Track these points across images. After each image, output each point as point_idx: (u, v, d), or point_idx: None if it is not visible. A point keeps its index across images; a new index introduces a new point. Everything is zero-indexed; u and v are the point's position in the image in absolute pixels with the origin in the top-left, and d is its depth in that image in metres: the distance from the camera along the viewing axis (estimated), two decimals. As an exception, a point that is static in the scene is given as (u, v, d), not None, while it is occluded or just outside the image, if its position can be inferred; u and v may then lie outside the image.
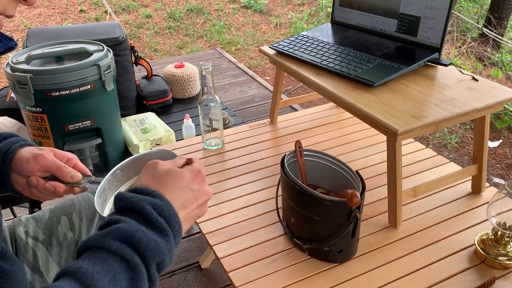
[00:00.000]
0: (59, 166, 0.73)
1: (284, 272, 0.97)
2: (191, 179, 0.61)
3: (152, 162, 0.61)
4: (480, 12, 4.97)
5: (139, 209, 0.52)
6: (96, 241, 0.49)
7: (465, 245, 1.03)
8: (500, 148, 2.57)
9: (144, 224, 0.52)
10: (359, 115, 1.06)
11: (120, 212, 0.53)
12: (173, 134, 2.05)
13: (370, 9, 1.32)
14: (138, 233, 0.50)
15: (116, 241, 0.49)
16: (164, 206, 0.54)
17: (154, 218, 0.52)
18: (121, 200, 0.54)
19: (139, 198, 0.53)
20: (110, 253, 0.49)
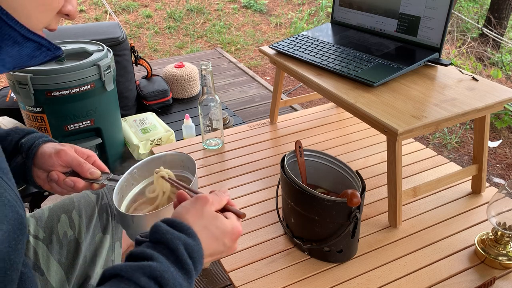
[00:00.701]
0: (79, 162, 0.76)
1: (284, 272, 0.97)
2: (229, 235, 0.63)
3: (203, 198, 0.62)
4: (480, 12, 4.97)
5: (172, 247, 0.54)
6: (127, 272, 0.51)
7: (465, 245, 1.03)
8: (500, 148, 2.57)
9: (174, 262, 0.54)
10: (359, 115, 1.06)
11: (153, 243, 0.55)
12: (173, 134, 2.05)
13: (370, 9, 1.32)
14: (167, 275, 0.52)
15: (145, 277, 0.51)
16: (194, 247, 0.56)
17: (184, 260, 0.55)
18: (157, 232, 0.56)
19: (174, 236, 0.55)
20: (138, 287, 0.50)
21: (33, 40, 0.54)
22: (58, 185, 0.77)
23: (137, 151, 1.93)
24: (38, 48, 0.56)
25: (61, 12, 0.57)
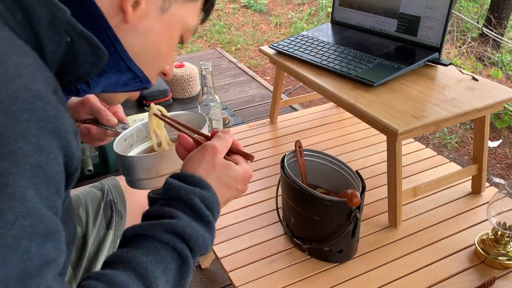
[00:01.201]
0: (99, 109, 0.79)
1: (284, 272, 0.97)
2: (241, 180, 0.64)
3: (211, 147, 0.63)
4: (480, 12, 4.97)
5: (189, 202, 0.55)
6: (149, 230, 0.52)
7: (465, 245, 1.03)
8: (500, 148, 2.57)
9: (192, 216, 0.55)
10: (359, 115, 1.06)
11: (169, 200, 0.56)
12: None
13: (370, 9, 1.32)
14: (189, 229, 0.53)
15: (168, 233, 0.52)
16: (210, 198, 0.58)
17: (203, 212, 0.56)
18: (171, 189, 0.57)
19: (188, 190, 0.56)
20: (162, 243, 0.51)
21: (134, 71, 0.58)
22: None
23: (137, 151, 1.93)
24: (133, 79, 0.60)
25: (162, 71, 0.64)
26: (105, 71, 0.56)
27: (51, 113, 0.42)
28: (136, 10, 0.53)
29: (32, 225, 0.39)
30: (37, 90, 0.42)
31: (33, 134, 0.40)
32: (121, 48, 0.55)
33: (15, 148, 0.39)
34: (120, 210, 0.92)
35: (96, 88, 0.59)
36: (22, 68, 0.42)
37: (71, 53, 0.50)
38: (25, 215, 0.38)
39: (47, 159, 0.41)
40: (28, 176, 0.39)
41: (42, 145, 0.41)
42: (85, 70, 0.53)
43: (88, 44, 0.50)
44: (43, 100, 0.42)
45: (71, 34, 0.49)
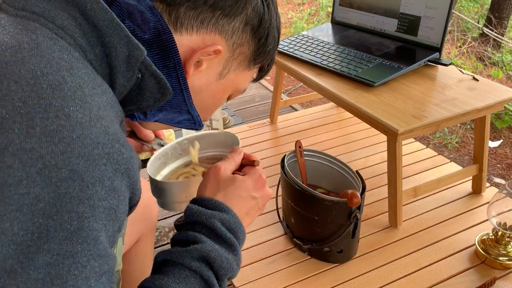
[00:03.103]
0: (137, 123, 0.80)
1: (284, 272, 0.97)
2: (253, 187, 0.65)
3: (213, 168, 0.65)
4: (480, 11, 4.97)
5: (210, 226, 0.57)
6: (177, 258, 0.54)
7: (466, 245, 1.03)
8: (500, 148, 2.56)
9: (215, 239, 0.57)
10: (359, 115, 1.06)
11: (192, 225, 0.58)
12: (173, 134, 2.05)
13: (370, 8, 1.32)
14: (213, 253, 0.55)
15: (195, 261, 0.54)
16: (231, 220, 0.59)
17: (224, 234, 0.57)
18: (192, 215, 0.58)
19: (208, 215, 0.58)
20: (191, 271, 0.54)
21: (193, 115, 0.61)
22: None
23: (137, 151, 1.93)
24: (189, 120, 0.62)
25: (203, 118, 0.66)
26: (165, 109, 0.59)
27: (125, 156, 0.44)
28: (197, 70, 0.56)
29: (100, 266, 0.41)
30: (114, 133, 0.44)
31: (108, 177, 0.42)
32: (187, 95, 0.57)
33: (92, 192, 0.40)
34: None
35: (151, 118, 0.60)
36: (102, 109, 0.43)
37: (139, 88, 0.53)
38: (96, 258, 0.41)
39: (118, 201, 0.43)
40: (101, 219, 0.41)
41: (115, 188, 0.42)
42: (148, 104, 0.55)
43: (157, 82, 0.53)
44: (119, 143, 0.44)
45: (143, 72, 0.51)
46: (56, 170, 0.38)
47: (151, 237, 1.06)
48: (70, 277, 0.38)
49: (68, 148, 0.39)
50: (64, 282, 0.38)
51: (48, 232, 0.37)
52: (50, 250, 0.37)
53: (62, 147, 0.39)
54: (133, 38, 0.48)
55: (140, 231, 0.98)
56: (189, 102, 0.59)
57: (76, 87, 0.42)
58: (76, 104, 0.41)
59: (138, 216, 0.95)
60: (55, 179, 0.38)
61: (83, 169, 0.39)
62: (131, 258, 1.00)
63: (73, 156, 0.39)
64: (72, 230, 0.39)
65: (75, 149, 0.39)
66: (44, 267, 0.37)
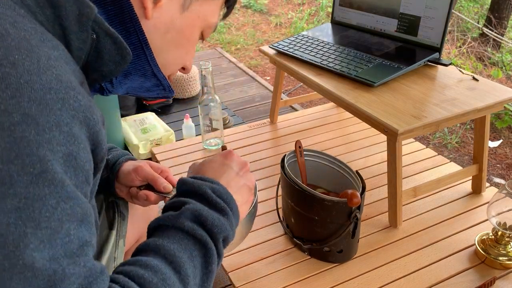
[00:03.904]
0: (154, 177, 0.83)
1: (284, 272, 0.97)
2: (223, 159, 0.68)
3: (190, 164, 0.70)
4: (480, 12, 4.97)
5: (201, 192, 0.58)
6: (170, 221, 0.55)
7: (465, 245, 1.03)
8: (500, 148, 2.56)
9: (206, 205, 0.58)
10: (359, 115, 1.06)
11: (183, 195, 0.60)
12: (173, 134, 2.05)
13: (370, 9, 1.32)
14: (204, 212, 0.56)
15: (187, 221, 0.55)
16: (221, 190, 0.61)
17: (215, 200, 0.58)
18: (184, 184, 0.60)
19: (200, 183, 0.60)
20: (184, 232, 0.54)
21: (158, 77, 0.60)
22: (137, 199, 0.85)
23: (137, 151, 1.93)
24: (157, 85, 0.62)
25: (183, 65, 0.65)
26: (130, 73, 0.58)
27: (82, 103, 0.44)
28: (156, 7, 0.54)
29: (72, 208, 0.41)
30: (69, 81, 0.43)
31: (66, 123, 0.42)
32: (149, 53, 0.56)
33: (49, 136, 0.40)
34: (123, 211, 0.92)
35: (119, 88, 0.60)
36: (53, 59, 0.43)
37: (96, 51, 0.51)
38: (66, 199, 0.41)
39: (78, 148, 0.43)
40: (61, 164, 0.41)
41: (74, 134, 0.42)
42: (110, 69, 0.54)
43: (113, 43, 0.51)
44: (75, 90, 0.43)
45: (97, 31, 0.50)
46: (7, 115, 0.38)
47: (151, 237, 1.06)
48: (42, 219, 0.39)
49: (17, 93, 0.39)
50: (37, 224, 0.39)
51: (11, 177, 0.38)
52: (16, 194, 0.38)
53: (11, 93, 0.39)
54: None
55: (140, 231, 0.98)
56: (153, 61, 0.58)
57: (21, 38, 0.42)
58: (21, 53, 0.41)
59: (138, 216, 0.96)
60: (7, 124, 0.38)
61: (37, 113, 0.39)
62: (131, 258, 1.00)
63: (23, 101, 0.39)
64: (36, 173, 0.39)
65: (24, 94, 0.39)
66: (13, 211, 0.38)
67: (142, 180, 0.85)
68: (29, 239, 0.38)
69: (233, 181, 0.66)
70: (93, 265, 0.44)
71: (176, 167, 1.38)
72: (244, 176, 0.68)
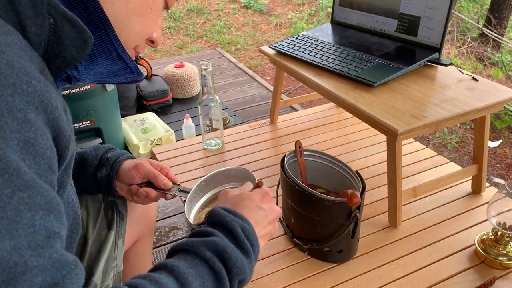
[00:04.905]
0: (154, 174, 0.83)
1: (284, 272, 0.97)
2: (259, 199, 0.68)
3: (223, 191, 0.69)
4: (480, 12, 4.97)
5: (231, 228, 0.59)
6: (193, 247, 0.56)
7: (465, 245, 1.03)
8: (500, 148, 2.56)
9: (233, 241, 0.58)
10: (359, 115, 1.06)
11: (211, 225, 0.60)
12: (173, 134, 2.05)
13: (370, 9, 1.32)
14: (229, 250, 0.56)
15: (210, 251, 0.55)
16: (250, 231, 0.61)
17: (242, 240, 0.59)
18: (215, 215, 0.60)
19: (232, 218, 0.60)
20: (202, 261, 0.55)
21: (124, 60, 0.58)
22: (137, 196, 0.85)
23: (137, 151, 1.94)
24: (124, 69, 0.60)
25: (149, 38, 0.63)
26: (94, 56, 0.56)
27: (37, 88, 0.42)
28: None
29: (31, 196, 0.40)
30: (22, 67, 0.41)
31: (19, 109, 0.40)
32: (112, 33, 0.54)
33: (1, 123, 0.38)
34: (121, 211, 0.92)
35: (85, 75, 0.58)
36: (4, 45, 0.41)
37: (55, 36, 0.49)
38: (22, 188, 0.39)
39: (36, 134, 0.41)
40: (17, 151, 0.39)
41: (29, 120, 0.41)
42: (72, 54, 0.52)
43: (72, 26, 0.49)
44: (28, 75, 0.42)
45: (53, 15, 0.48)
46: None
47: (150, 237, 1.06)
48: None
49: None
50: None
51: None
52: None
53: None
54: None
55: (139, 231, 0.98)
56: (116, 41, 0.56)
57: None
58: None
59: (137, 216, 0.96)
60: None
61: None
62: (130, 258, 1.00)
63: None
64: None
65: None
66: None
67: (143, 177, 0.85)
68: None
69: (262, 226, 0.66)
70: (61, 256, 0.42)
71: (176, 167, 1.39)
72: (273, 224, 0.69)
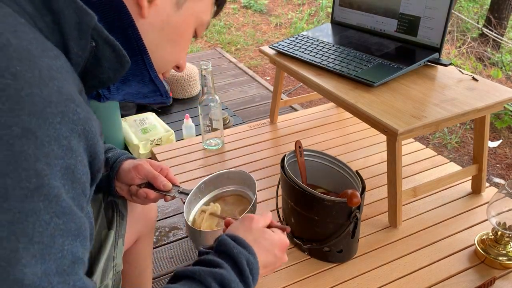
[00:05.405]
0: (154, 175, 0.84)
1: (284, 272, 0.97)
2: (278, 246, 0.69)
3: (248, 216, 0.70)
4: (480, 12, 4.97)
5: (237, 261, 0.61)
6: (199, 276, 0.57)
7: (465, 245, 1.03)
8: (500, 148, 2.56)
9: (237, 274, 0.60)
10: (359, 115, 1.06)
11: (220, 255, 0.61)
12: (173, 134, 2.05)
13: (370, 9, 1.32)
14: (234, 284, 0.58)
15: (215, 283, 0.57)
16: (255, 265, 0.63)
17: (246, 274, 0.61)
18: (224, 245, 0.62)
19: (239, 251, 0.62)
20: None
21: (156, 84, 0.61)
22: (137, 197, 0.85)
23: (137, 151, 1.94)
24: (154, 92, 0.62)
25: (177, 64, 0.66)
26: (128, 79, 0.58)
27: (81, 116, 0.44)
28: (152, 5, 0.55)
29: (65, 223, 0.41)
30: (69, 94, 0.43)
31: (64, 136, 0.42)
32: (147, 59, 0.57)
33: (48, 150, 0.40)
34: (122, 211, 0.92)
35: (116, 95, 0.60)
36: (54, 71, 0.43)
37: (95, 58, 0.52)
38: (59, 215, 0.41)
39: (76, 161, 0.43)
40: (59, 177, 0.41)
41: (72, 147, 0.42)
42: (108, 76, 0.54)
43: (112, 50, 0.52)
44: (75, 103, 0.43)
45: (96, 39, 0.50)
46: (6, 128, 0.38)
47: (150, 237, 1.06)
48: (35, 234, 0.39)
49: (17, 106, 0.39)
50: (30, 239, 0.39)
51: (6, 191, 0.38)
52: (10, 208, 0.38)
53: (10, 105, 0.38)
54: (81, 3, 0.47)
55: (139, 231, 0.98)
56: (151, 67, 0.58)
57: (23, 49, 0.41)
58: (23, 64, 0.40)
59: (137, 216, 0.96)
60: (6, 137, 0.38)
61: (36, 127, 0.39)
62: (130, 258, 1.00)
63: (23, 114, 0.39)
64: (32, 188, 0.39)
65: (25, 107, 0.39)
66: (7, 225, 0.37)
67: (142, 178, 0.85)
68: (21, 254, 0.38)
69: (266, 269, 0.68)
70: (83, 284, 0.44)
71: (176, 167, 1.39)
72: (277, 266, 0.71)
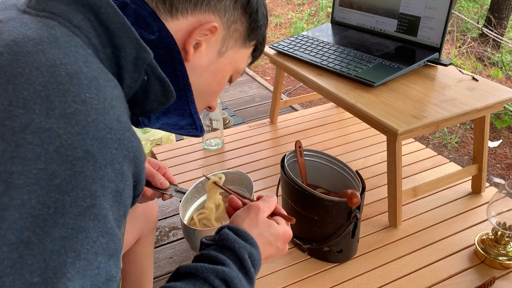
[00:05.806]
0: (152, 173, 0.85)
1: (284, 272, 0.97)
2: (282, 239, 0.69)
3: (255, 206, 0.69)
4: (480, 12, 4.97)
5: (239, 255, 0.61)
6: (202, 273, 0.57)
7: (465, 245, 1.03)
8: (500, 148, 2.57)
9: (240, 269, 0.61)
10: (359, 115, 1.06)
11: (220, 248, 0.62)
12: (173, 134, 2.05)
13: (370, 9, 1.32)
14: (237, 281, 0.59)
15: (218, 280, 0.57)
16: (256, 257, 0.63)
17: (249, 268, 0.61)
18: (226, 240, 0.62)
19: (241, 245, 0.62)
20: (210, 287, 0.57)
21: (194, 118, 0.64)
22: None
23: (137, 151, 1.93)
24: (191, 125, 0.65)
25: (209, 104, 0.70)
26: (169, 111, 0.62)
27: (134, 144, 0.47)
28: (197, 51, 0.59)
29: (107, 243, 0.44)
30: (126, 122, 0.47)
31: (118, 161, 0.45)
32: (190, 95, 0.61)
33: (103, 173, 0.43)
34: None
35: (155, 123, 0.63)
36: (115, 99, 0.47)
37: (144, 91, 0.56)
38: (104, 234, 0.43)
39: (125, 185, 0.46)
40: (109, 199, 0.44)
41: (123, 172, 0.45)
42: (152, 107, 0.58)
43: (161, 85, 0.55)
44: (130, 132, 0.47)
45: (149, 74, 0.54)
46: (72, 149, 0.41)
47: (151, 237, 1.06)
48: (82, 251, 0.41)
49: (84, 130, 0.42)
50: (77, 255, 0.41)
51: (64, 207, 0.40)
52: (65, 224, 0.40)
53: (78, 129, 0.42)
54: (142, 41, 0.51)
55: (140, 230, 0.98)
56: (192, 103, 0.61)
57: (92, 77, 0.45)
58: (91, 92, 0.44)
59: (138, 215, 0.96)
60: (71, 158, 0.41)
61: (97, 150, 0.42)
62: (131, 258, 1.01)
63: (88, 138, 0.42)
64: (86, 207, 0.41)
65: (90, 131, 0.42)
66: (59, 239, 0.40)
67: None
68: (67, 268, 0.40)
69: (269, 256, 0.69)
70: None
71: (176, 167, 1.39)
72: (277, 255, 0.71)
